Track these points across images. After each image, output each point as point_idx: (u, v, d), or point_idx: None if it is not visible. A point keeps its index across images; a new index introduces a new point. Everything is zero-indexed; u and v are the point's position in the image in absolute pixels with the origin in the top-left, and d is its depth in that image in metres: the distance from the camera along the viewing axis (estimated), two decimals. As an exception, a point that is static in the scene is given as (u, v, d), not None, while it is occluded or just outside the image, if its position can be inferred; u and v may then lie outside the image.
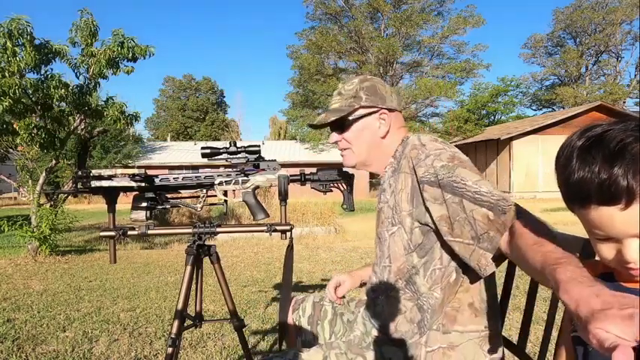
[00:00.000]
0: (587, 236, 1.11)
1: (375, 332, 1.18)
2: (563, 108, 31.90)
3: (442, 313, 1.07)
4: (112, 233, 1.41)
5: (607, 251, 0.67)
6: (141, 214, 1.40)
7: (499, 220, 0.92)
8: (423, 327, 1.08)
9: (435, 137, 1.13)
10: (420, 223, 1.08)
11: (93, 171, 1.36)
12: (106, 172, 1.37)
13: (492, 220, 0.92)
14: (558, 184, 0.69)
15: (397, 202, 1.12)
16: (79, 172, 1.36)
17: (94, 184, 1.36)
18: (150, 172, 1.42)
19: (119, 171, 1.37)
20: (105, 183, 1.36)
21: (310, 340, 1.38)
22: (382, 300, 1.18)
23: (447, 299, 1.07)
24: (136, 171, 1.38)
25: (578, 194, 0.64)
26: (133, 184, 1.36)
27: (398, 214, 1.12)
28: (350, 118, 1.19)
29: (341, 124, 1.22)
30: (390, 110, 1.19)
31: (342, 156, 1.27)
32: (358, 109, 1.18)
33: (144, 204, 1.41)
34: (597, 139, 0.62)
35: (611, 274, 0.73)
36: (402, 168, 1.13)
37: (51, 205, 5.97)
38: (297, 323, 1.42)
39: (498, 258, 0.97)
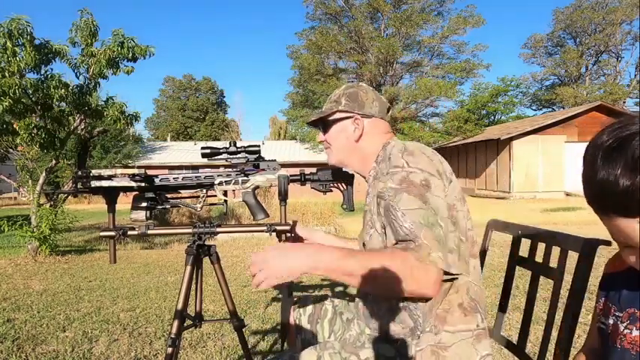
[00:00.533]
0: (586, 236, 1.11)
1: (368, 331, 1.19)
2: (563, 108, 31.89)
3: (433, 315, 1.07)
4: (112, 233, 1.41)
5: (630, 256, 0.66)
6: (141, 214, 1.40)
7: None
8: (417, 330, 1.08)
9: (405, 148, 1.10)
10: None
11: (93, 171, 1.36)
12: (105, 172, 1.37)
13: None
14: (582, 180, 0.66)
15: (372, 206, 1.17)
16: (79, 172, 1.35)
17: (94, 184, 1.36)
18: (150, 172, 1.42)
19: (119, 171, 1.37)
20: (105, 183, 1.35)
21: (310, 338, 1.39)
22: (371, 299, 1.19)
23: (435, 302, 1.07)
24: (136, 171, 1.38)
25: (599, 199, 0.62)
26: (133, 184, 1.36)
27: (372, 218, 1.17)
28: (330, 119, 1.28)
29: (325, 125, 1.31)
30: (366, 116, 1.25)
31: (327, 154, 1.36)
32: (336, 113, 1.26)
33: (144, 204, 1.41)
34: (625, 140, 0.58)
35: None
36: (378, 175, 1.19)
37: (51, 205, 5.97)
38: (297, 322, 1.44)
39: None
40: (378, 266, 0.90)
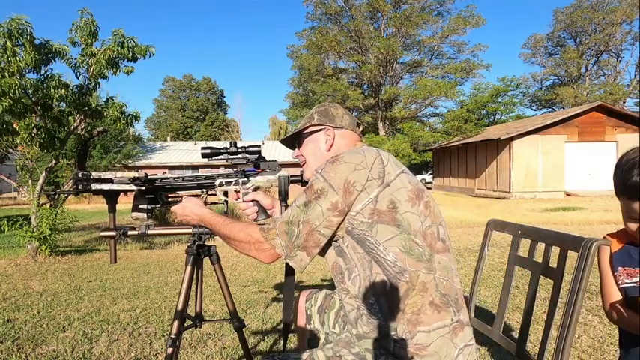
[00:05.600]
0: (586, 236, 1.11)
1: (354, 331, 1.21)
2: (563, 108, 31.91)
3: (404, 321, 1.09)
4: (112, 233, 1.42)
5: (634, 228, 1.06)
6: (141, 214, 1.41)
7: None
8: (390, 333, 1.11)
9: (336, 157, 1.16)
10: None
11: (93, 174, 1.37)
12: (106, 176, 1.37)
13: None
14: (616, 182, 1.04)
15: None
16: (80, 175, 1.36)
17: (95, 187, 1.36)
18: (150, 172, 1.43)
19: (119, 174, 1.37)
20: (105, 186, 1.36)
21: (317, 327, 1.47)
22: (347, 303, 1.22)
23: (398, 308, 1.09)
24: (136, 174, 1.38)
25: (631, 191, 1.01)
26: (134, 188, 1.36)
27: None
28: (304, 134, 1.39)
29: (300, 141, 1.41)
30: (337, 128, 1.35)
31: (302, 171, 1.44)
32: (310, 127, 1.37)
33: (144, 204, 1.41)
34: None
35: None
36: None
37: (51, 205, 5.97)
38: (308, 312, 1.50)
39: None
40: (234, 230, 1.22)
